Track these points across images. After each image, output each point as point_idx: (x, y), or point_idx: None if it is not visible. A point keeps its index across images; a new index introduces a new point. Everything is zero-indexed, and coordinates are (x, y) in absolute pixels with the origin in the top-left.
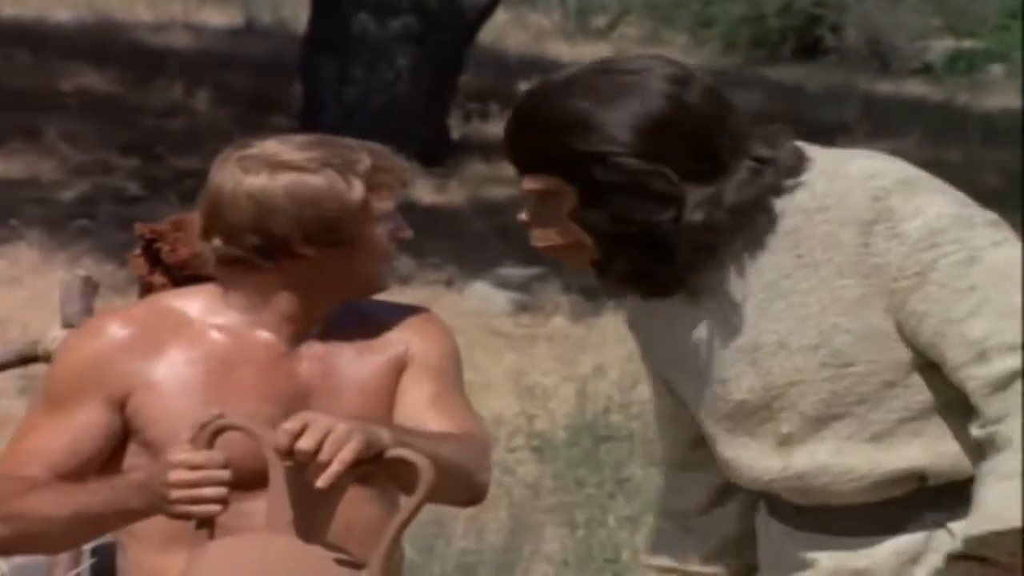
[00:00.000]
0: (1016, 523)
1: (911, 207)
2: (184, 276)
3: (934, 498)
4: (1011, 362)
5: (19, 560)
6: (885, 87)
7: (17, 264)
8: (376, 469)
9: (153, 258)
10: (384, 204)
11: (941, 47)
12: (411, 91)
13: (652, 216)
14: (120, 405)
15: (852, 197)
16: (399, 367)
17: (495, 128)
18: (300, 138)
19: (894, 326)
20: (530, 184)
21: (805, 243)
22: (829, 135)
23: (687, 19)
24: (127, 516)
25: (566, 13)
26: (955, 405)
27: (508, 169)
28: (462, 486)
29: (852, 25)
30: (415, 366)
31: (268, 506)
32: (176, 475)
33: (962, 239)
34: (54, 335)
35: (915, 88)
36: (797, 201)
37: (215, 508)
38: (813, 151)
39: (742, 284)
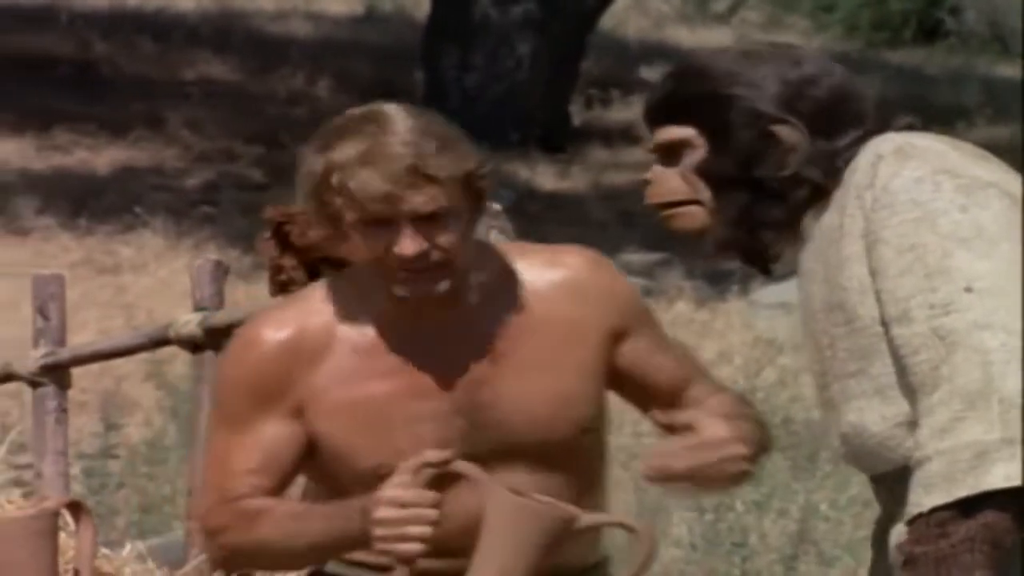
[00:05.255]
0: (921, 509)
1: (891, 171)
2: (314, 259)
3: None
4: (929, 324)
5: (156, 541)
6: (1005, 70)
7: (142, 251)
8: (599, 524)
9: (283, 241)
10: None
11: None
12: (532, 78)
13: (777, 164)
14: (298, 412)
15: (861, 165)
16: (587, 330)
17: (616, 114)
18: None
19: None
20: (663, 135)
21: (834, 209)
22: (948, 119)
23: (808, 3)
24: (346, 546)
25: None
26: None
27: (630, 155)
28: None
29: (972, 8)
30: (623, 323)
31: (478, 549)
32: (383, 512)
33: (921, 201)
34: (186, 319)
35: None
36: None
37: (418, 548)
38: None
39: (808, 253)
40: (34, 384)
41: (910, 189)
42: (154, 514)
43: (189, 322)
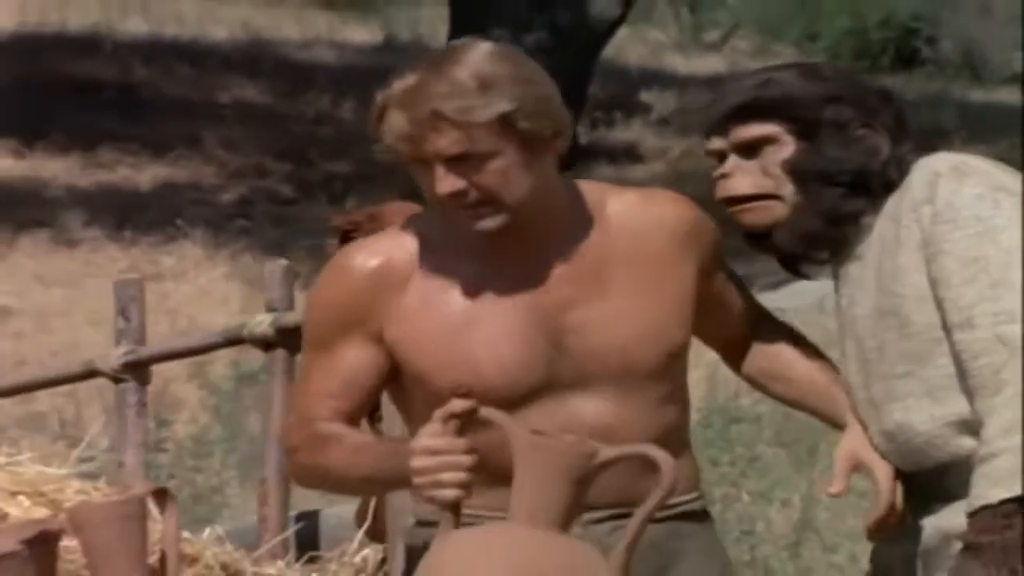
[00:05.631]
0: (987, 501)
1: (951, 188)
2: None
3: None
4: (993, 331)
5: (230, 525)
6: (978, 95)
7: (183, 260)
8: (621, 458)
9: None
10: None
11: None
12: None
13: (862, 160)
14: (379, 338)
15: (915, 181)
16: (676, 263)
17: (620, 134)
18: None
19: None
20: (747, 132)
21: (889, 221)
22: (928, 139)
23: (794, 32)
24: (396, 485)
25: (681, 28)
26: None
27: (632, 172)
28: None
29: (947, 37)
30: (700, 257)
31: (512, 495)
32: (417, 462)
33: (982, 217)
34: (259, 319)
35: (1006, 96)
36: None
37: (455, 493)
38: None
39: (856, 260)
40: (116, 380)
41: (972, 205)
42: (203, 504)
43: (262, 322)
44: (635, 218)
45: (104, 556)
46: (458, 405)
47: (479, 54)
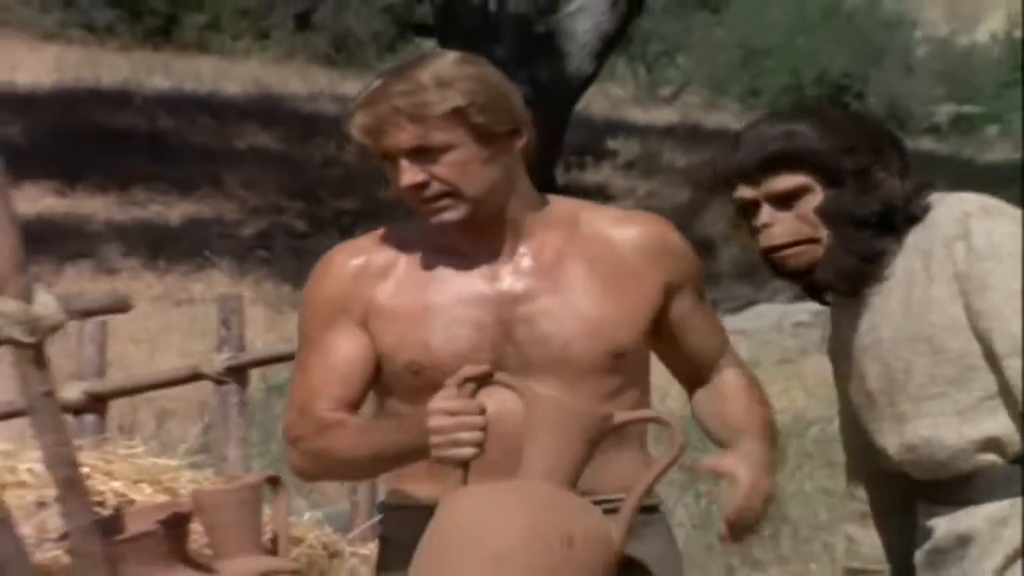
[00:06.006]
0: None
1: (984, 227)
2: None
3: (1010, 470)
4: None
5: (326, 510)
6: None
7: (212, 287)
8: (632, 420)
9: None
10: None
11: (946, 111)
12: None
13: (885, 200)
14: (363, 324)
15: (945, 219)
16: (639, 273)
17: (590, 176)
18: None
19: (969, 320)
20: (783, 183)
21: (915, 255)
22: None
23: (738, 89)
24: (405, 457)
25: (639, 84)
26: None
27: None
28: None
29: (873, 93)
30: (669, 277)
31: (524, 454)
32: (435, 421)
33: (1020, 254)
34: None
35: (926, 145)
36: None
37: (471, 451)
38: None
39: (877, 288)
40: (219, 382)
41: (1007, 244)
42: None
43: None
44: (608, 229)
45: (224, 536)
46: (471, 369)
47: (441, 58)
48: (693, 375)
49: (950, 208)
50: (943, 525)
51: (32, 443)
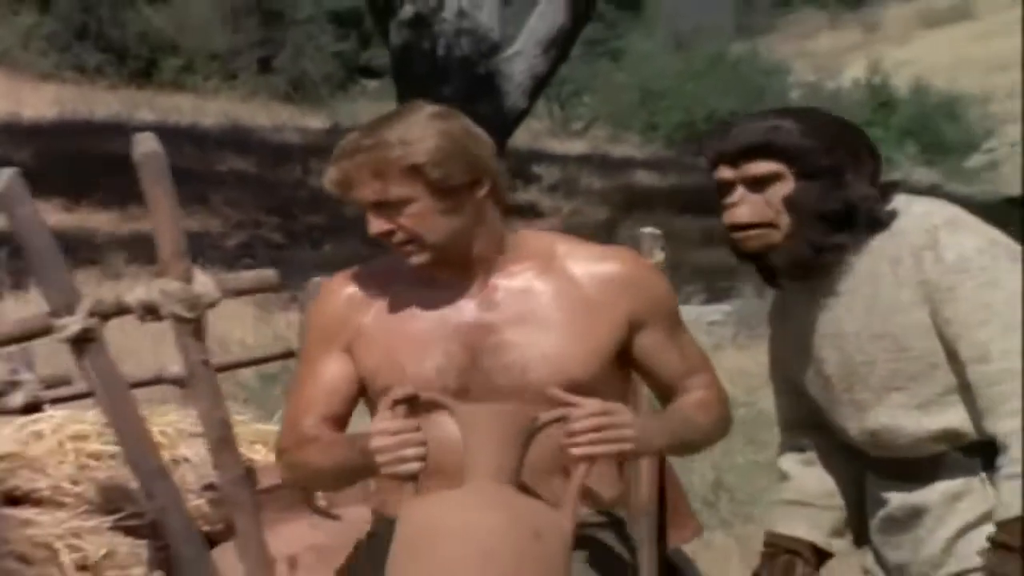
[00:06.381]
0: (1018, 512)
1: (953, 240)
2: None
3: (965, 455)
4: (1007, 363)
5: None
6: None
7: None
8: (553, 419)
9: None
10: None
11: None
12: None
13: (851, 201)
14: (349, 350)
15: (913, 228)
16: (604, 308)
17: (522, 196)
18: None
19: (934, 324)
20: (759, 168)
21: (881, 258)
22: None
23: (638, 124)
24: (360, 473)
25: (554, 120)
26: None
27: (538, 224)
28: (717, 439)
29: None
30: (642, 310)
31: (466, 463)
32: (376, 443)
33: (986, 268)
34: None
35: None
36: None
37: (416, 465)
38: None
39: (841, 283)
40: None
41: (975, 258)
42: None
43: None
44: (579, 265)
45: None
46: (399, 391)
47: (414, 114)
48: (666, 393)
49: (918, 219)
50: (897, 497)
51: (160, 408)
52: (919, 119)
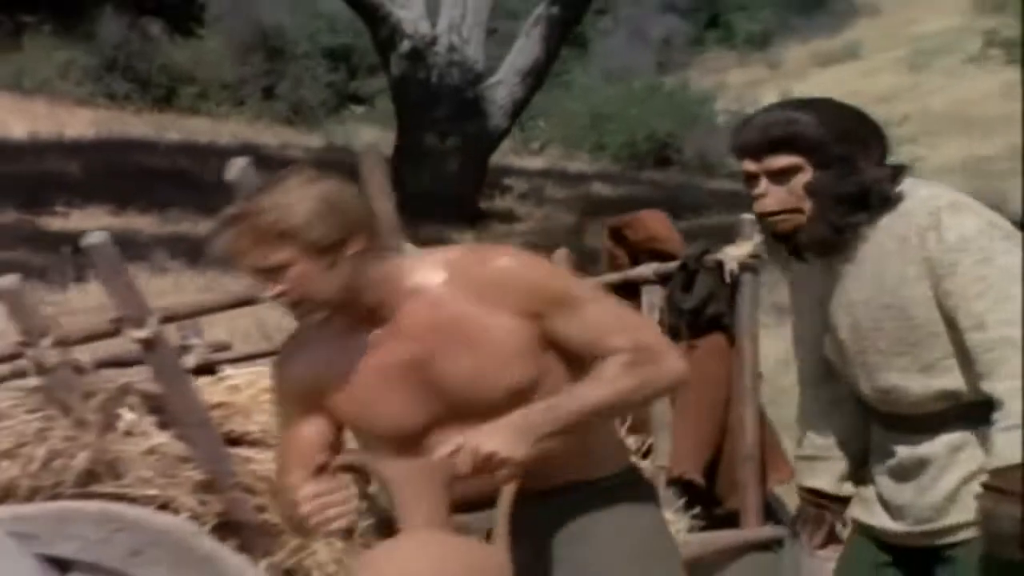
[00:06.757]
0: (1017, 460)
1: (954, 221)
2: (640, 251)
3: (965, 411)
4: (1001, 331)
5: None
6: (711, 184)
7: (239, 282)
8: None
9: (618, 239)
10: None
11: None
12: (459, 180)
13: (863, 184)
14: (320, 406)
15: (918, 209)
16: (501, 313)
17: (499, 203)
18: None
19: (935, 297)
20: (779, 161)
21: (890, 236)
22: (695, 210)
23: (588, 145)
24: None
25: (515, 140)
26: None
27: (518, 227)
28: (654, 393)
29: (688, 149)
30: (541, 307)
31: (400, 515)
32: (303, 509)
33: (984, 247)
34: None
35: (727, 185)
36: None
37: (343, 523)
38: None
39: (854, 258)
40: None
41: (974, 238)
42: None
43: None
44: (466, 280)
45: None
46: (339, 460)
47: (290, 179)
48: (595, 366)
49: (923, 202)
50: (905, 449)
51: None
52: None
